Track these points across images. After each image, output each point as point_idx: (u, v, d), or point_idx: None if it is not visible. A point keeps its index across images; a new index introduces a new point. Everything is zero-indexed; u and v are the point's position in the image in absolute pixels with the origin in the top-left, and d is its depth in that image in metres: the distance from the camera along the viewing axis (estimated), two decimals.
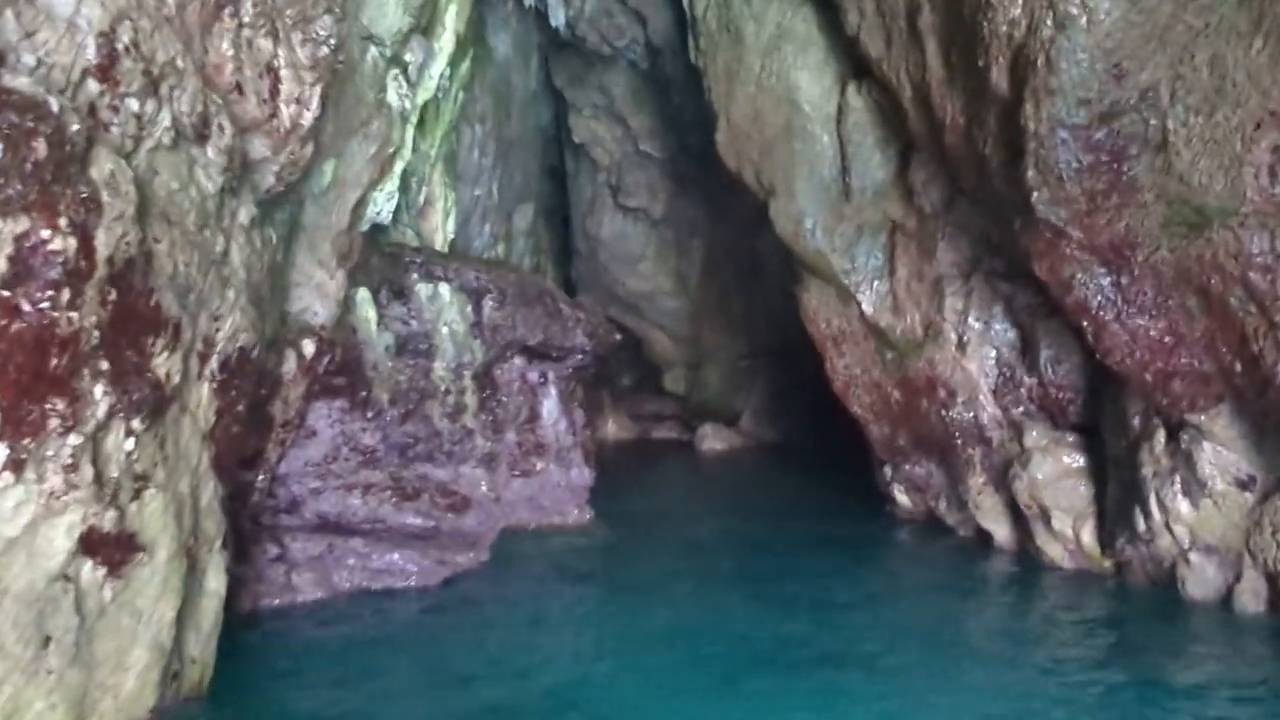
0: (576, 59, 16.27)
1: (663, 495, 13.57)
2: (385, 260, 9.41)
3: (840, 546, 9.46)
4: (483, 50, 13.52)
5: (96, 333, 4.32)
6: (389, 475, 9.06)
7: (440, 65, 9.85)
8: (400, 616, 7.30)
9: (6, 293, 4.01)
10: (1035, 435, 8.82)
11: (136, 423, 4.66)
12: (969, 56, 7.25)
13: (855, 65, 9.64)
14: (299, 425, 8.25)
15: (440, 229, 11.31)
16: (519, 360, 10.24)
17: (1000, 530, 9.15)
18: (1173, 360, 6.85)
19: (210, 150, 5.22)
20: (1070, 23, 6.12)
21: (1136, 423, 7.59)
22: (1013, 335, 9.03)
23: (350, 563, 8.10)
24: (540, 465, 10.23)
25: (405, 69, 8.85)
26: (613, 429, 18.51)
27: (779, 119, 10.34)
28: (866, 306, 9.90)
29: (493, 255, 13.89)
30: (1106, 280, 6.87)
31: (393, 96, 8.59)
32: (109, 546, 4.59)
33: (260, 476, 7.68)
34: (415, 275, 9.57)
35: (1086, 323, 7.10)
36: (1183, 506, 7.18)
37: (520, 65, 15.36)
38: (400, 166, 9.05)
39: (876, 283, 9.91)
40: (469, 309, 9.81)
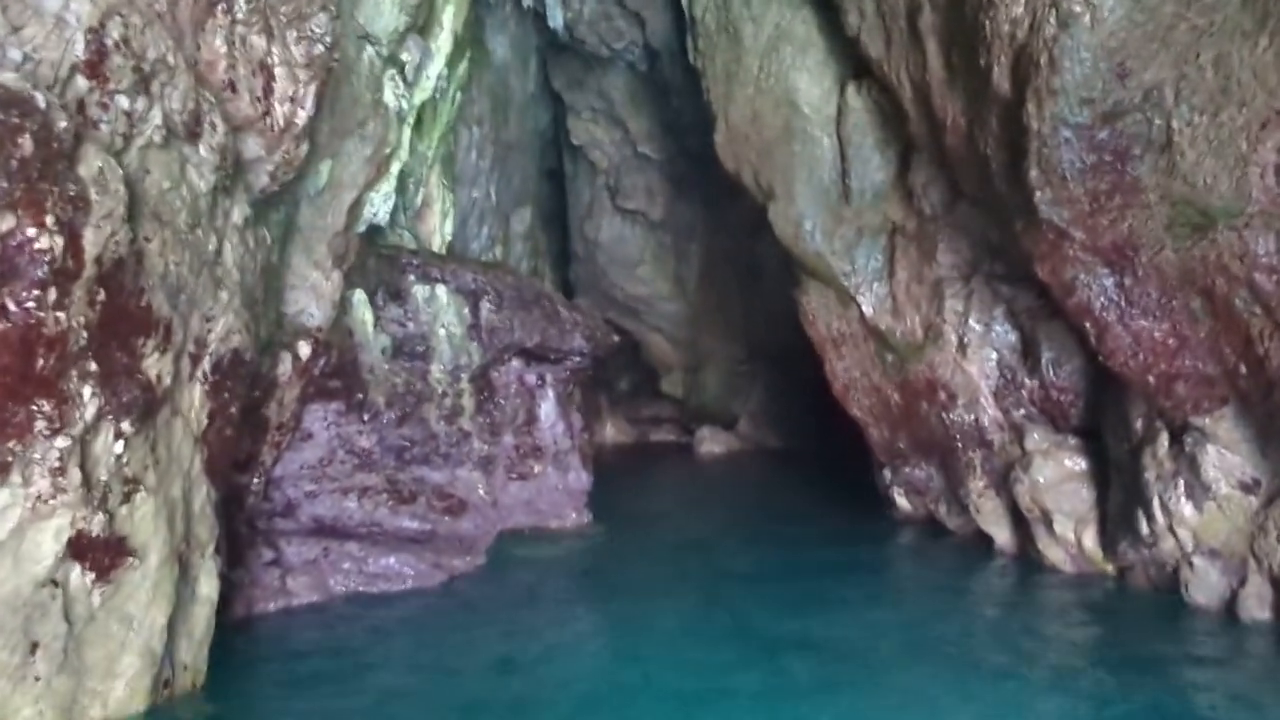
0: (575, 61, 16.23)
1: (661, 499, 13.51)
2: (382, 262, 9.34)
3: (839, 549, 9.39)
4: (481, 52, 13.48)
5: (85, 333, 4.26)
6: (385, 478, 8.99)
7: (438, 66, 9.80)
8: (396, 620, 7.23)
9: None
10: (1036, 438, 8.75)
11: (126, 425, 4.59)
12: (970, 56, 7.19)
13: (855, 66, 9.59)
14: (294, 428, 8.19)
15: (438, 231, 11.25)
16: (516, 363, 10.18)
17: (1001, 534, 9.09)
18: (1176, 362, 6.78)
19: (202, 149, 5.15)
20: (1073, 21, 6.06)
21: (1139, 425, 7.52)
22: (1013, 337, 8.97)
23: (346, 566, 8.05)
24: (538, 468, 10.17)
25: (402, 69, 8.80)
26: (611, 432, 18.47)
27: (778, 121, 10.29)
28: (866, 309, 9.83)
29: (490, 258, 13.84)
30: (1109, 282, 6.80)
31: (389, 97, 8.54)
32: (98, 551, 4.53)
33: (255, 480, 7.62)
34: (412, 277, 9.50)
35: (1089, 325, 7.04)
36: (1186, 510, 7.10)
37: (519, 67, 15.33)
38: (397, 168, 9.00)
39: (876, 285, 9.85)
40: (466, 311, 9.75)
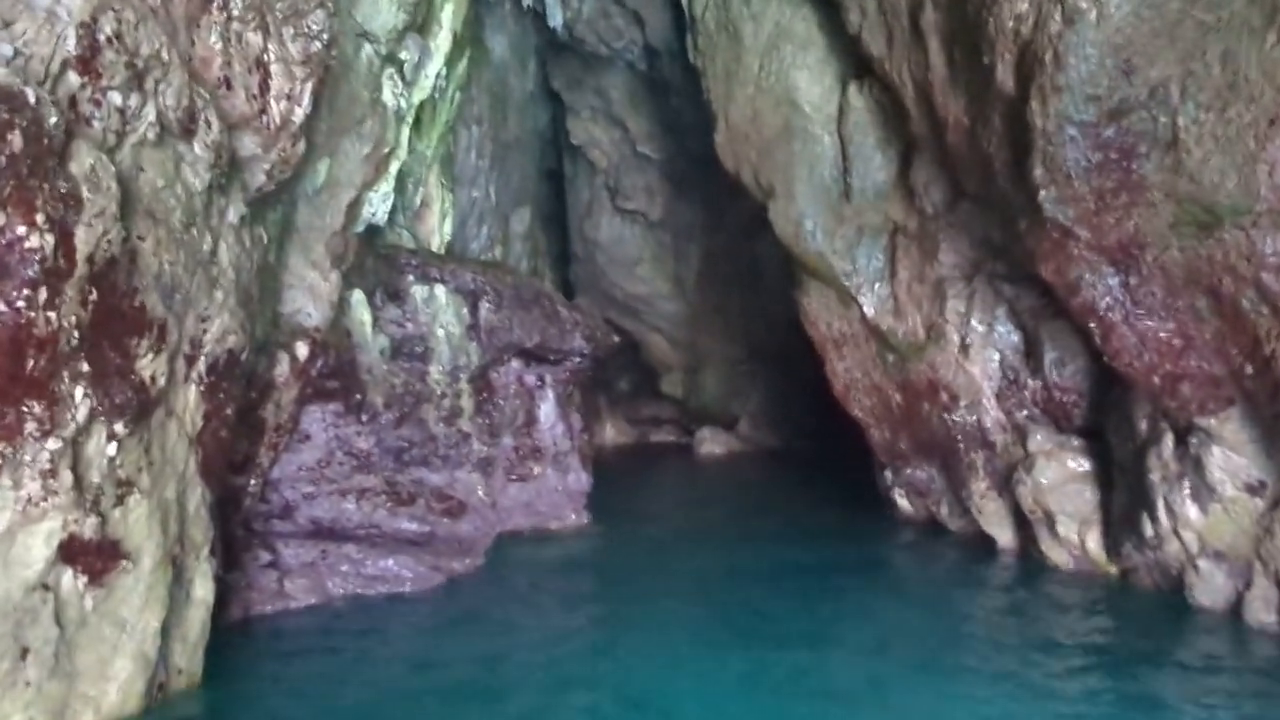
0: (574, 61, 16.18)
1: (661, 500, 13.46)
2: (380, 262, 9.29)
3: (841, 552, 9.33)
4: (480, 51, 13.41)
5: (76, 333, 4.19)
6: (384, 480, 8.94)
7: (436, 64, 9.74)
8: (394, 623, 7.17)
9: None
10: (1039, 439, 8.69)
11: (119, 427, 4.53)
12: (973, 54, 7.13)
13: (856, 64, 9.53)
14: (292, 429, 8.13)
15: (437, 231, 11.19)
16: (516, 363, 10.13)
17: (1003, 535, 9.04)
18: (1182, 363, 6.72)
19: (197, 146, 5.08)
20: (1079, 17, 5.99)
21: (1143, 426, 7.47)
22: (1016, 338, 8.91)
23: (344, 569, 8.00)
24: (537, 470, 10.12)
25: (401, 68, 8.74)
26: (610, 433, 18.41)
27: (778, 120, 10.23)
28: (867, 309, 9.77)
29: (490, 258, 13.76)
30: (1114, 281, 6.74)
31: (388, 95, 8.48)
32: (90, 555, 4.47)
33: (252, 482, 7.55)
34: (411, 277, 9.45)
35: (1094, 325, 6.98)
36: (1191, 512, 7.05)
37: (518, 67, 15.27)
38: (396, 167, 8.94)
39: (878, 285, 9.79)
40: (465, 311, 9.70)
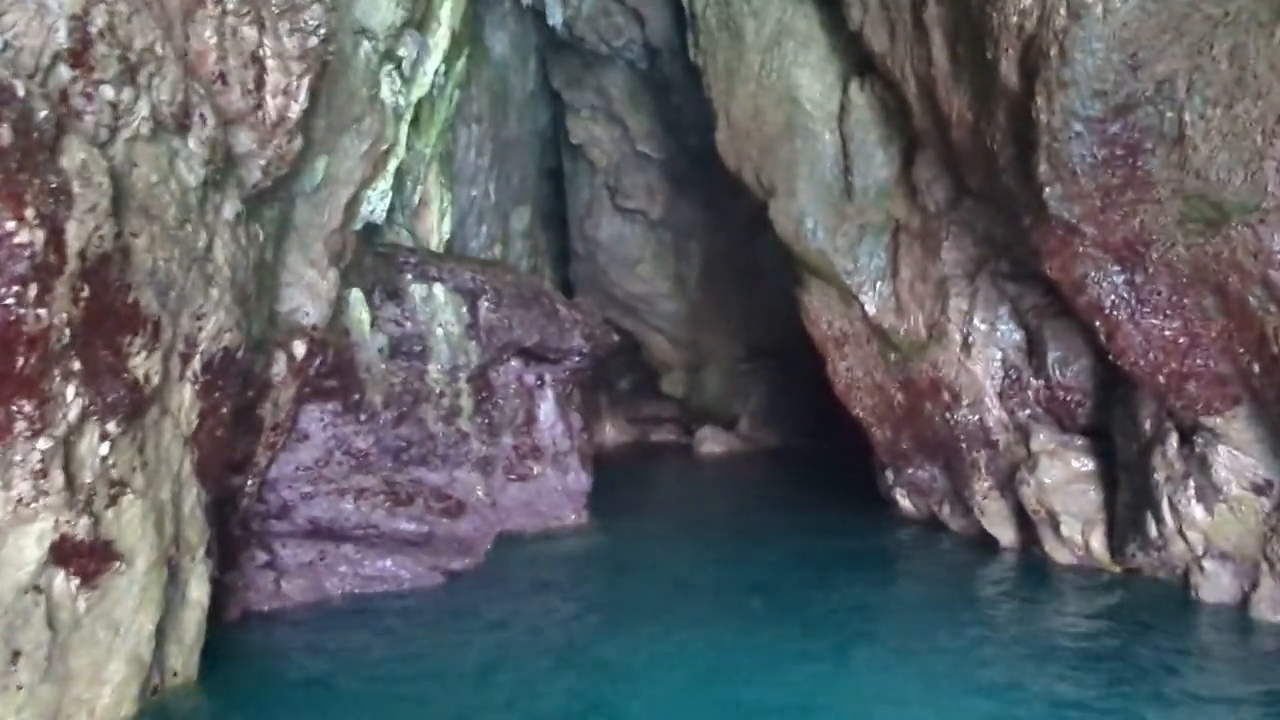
0: (574, 60, 16.12)
1: (661, 499, 13.40)
2: (379, 260, 9.23)
3: (844, 552, 9.26)
4: (479, 50, 13.35)
5: (68, 331, 4.12)
6: (382, 480, 8.88)
7: (435, 61, 9.68)
8: (392, 624, 7.11)
9: None
10: (1043, 438, 8.62)
11: (112, 426, 4.46)
12: (977, 49, 7.07)
13: (858, 61, 9.46)
14: (290, 429, 8.07)
15: (436, 230, 11.13)
16: (515, 362, 10.08)
17: (1006, 535, 8.98)
18: (1188, 361, 6.66)
19: (192, 142, 5.02)
20: (1085, 12, 5.92)
21: (1148, 426, 7.41)
22: (1019, 336, 8.84)
23: (342, 569, 7.97)
24: (537, 469, 10.07)
25: (399, 64, 8.67)
26: (611, 433, 18.32)
27: (780, 117, 10.16)
28: (869, 307, 9.70)
29: (490, 257, 13.70)
30: (1120, 279, 6.67)
31: (386, 92, 8.41)
32: (83, 556, 4.40)
33: (249, 481, 7.48)
34: (409, 276, 9.39)
35: (1099, 323, 6.91)
36: (1197, 512, 6.99)
37: (518, 66, 15.21)
38: (394, 165, 8.88)
39: (879, 283, 9.71)
40: (464, 310, 9.64)
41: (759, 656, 6.18)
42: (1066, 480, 8.35)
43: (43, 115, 3.90)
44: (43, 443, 4.06)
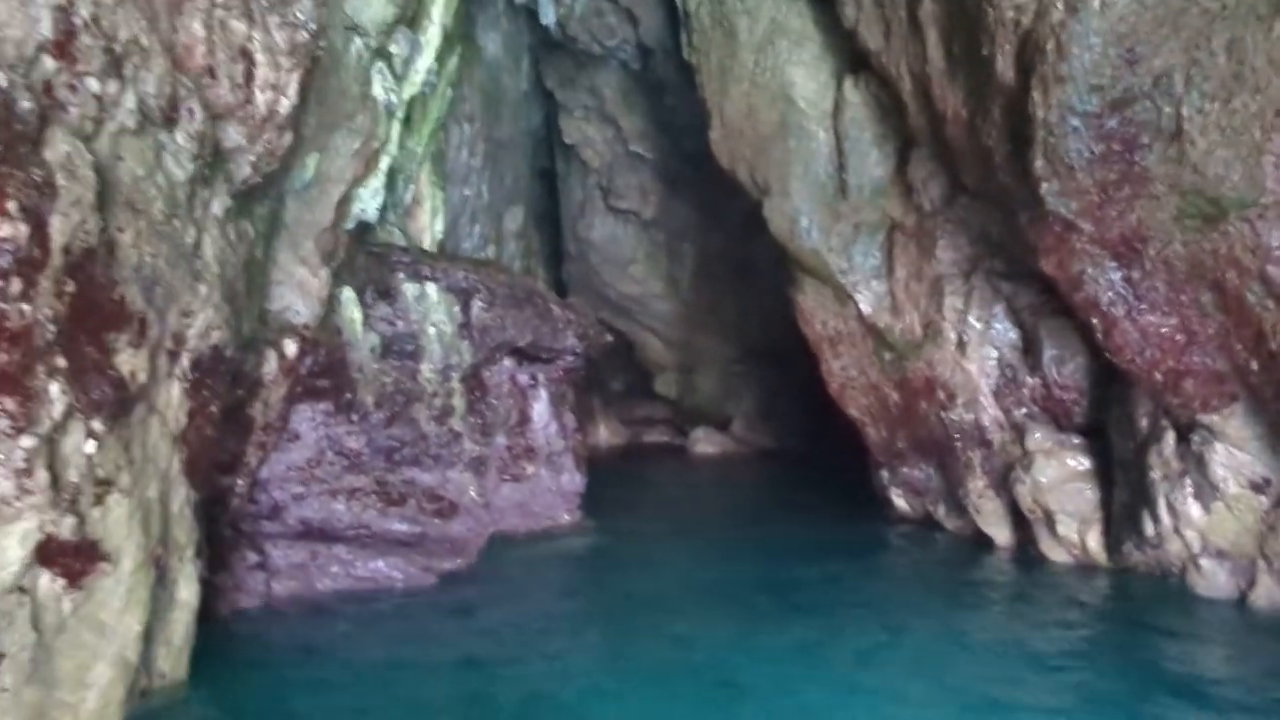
0: (567, 60, 16.07)
1: (655, 500, 13.34)
2: (371, 259, 9.15)
3: (836, 546, 9.25)
4: (471, 49, 13.29)
5: (52, 326, 4.04)
6: (374, 480, 8.80)
7: (427, 59, 9.59)
8: (383, 626, 7.04)
9: None
10: (1038, 437, 8.59)
11: (98, 423, 4.38)
12: (972, 45, 7.03)
13: (852, 59, 9.42)
14: (281, 428, 7.99)
15: (428, 229, 11.06)
16: (508, 362, 10.00)
17: (1001, 534, 8.95)
18: (1185, 358, 6.64)
19: (179, 136, 4.94)
20: (1082, 6, 5.89)
21: (1144, 424, 7.38)
22: (1014, 335, 8.81)
23: (334, 570, 7.91)
24: (530, 469, 10.00)
25: (390, 62, 8.60)
26: (604, 434, 18.26)
27: (774, 116, 10.12)
28: (864, 306, 9.65)
29: (483, 257, 13.63)
30: (1117, 276, 6.64)
31: (378, 90, 8.34)
32: (69, 556, 4.32)
33: (239, 481, 7.40)
34: (402, 275, 9.30)
35: (1096, 320, 6.87)
36: (1193, 510, 6.97)
37: (511, 66, 15.15)
38: (386, 163, 8.80)
39: (874, 282, 9.67)
40: (457, 309, 9.56)
41: (755, 655, 6.13)
42: (1062, 479, 8.31)
43: (26, 107, 3.83)
44: (26, 440, 3.98)
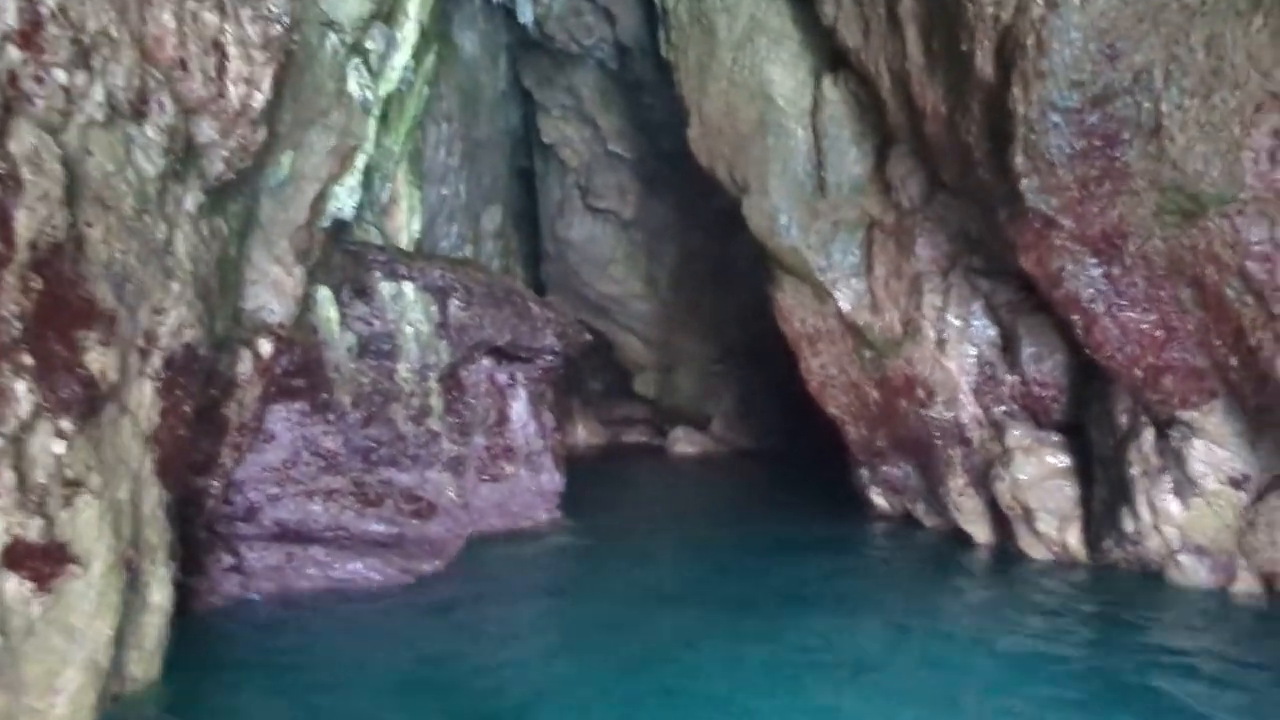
0: (545, 59, 16.01)
1: (634, 500, 13.30)
2: (347, 258, 9.05)
3: (815, 546, 9.21)
4: (449, 48, 13.21)
5: (19, 324, 3.95)
6: (351, 481, 8.70)
7: (403, 56, 9.50)
8: (359, 627, 6.94)
9: None
10: (1017, 435, 8.59)
11: (66, 423, 4.28)
12: (952, 42, 7.02)
13: (831, 57, 9.41)
14: (256, 428, 7.88)
15: (405, 228, 10.98)
16: (487, 361, 9.93)
17: (981, 531, 8.96)
18: (1164, 355, 6.65)
19: (150, 129, 4.84)
20: (1063, 1, 5.89)
21: (1124, 420, 7.39)
22: (993, 332, 8.81)
23: (310, 572, 7.81)
24: (509, 469, 9.93)
25: (366, 58, 8.50)
26: (583, 434, 18.24)
27: (752, 114, 10.09)
28: (843, 304, 9.63)
29: (461, 257, 13.54)
30: (1097, 272, 6.63)
31: (354, 86, 8.24)
32: (36, 559, 4.22)
33: (214, 483, 7.30)
34: (378, 273, 9.21)
35: (1076, 316, 6.87)
36: (1173, 506, 6.99)
37: (488, 65, 15.07)
38: (362, 161, 8.69)
39: (853, 280, 9.64)
40: (434, 308, 9.47)
41: (728, 653, 6.08)
42: (1042, 476, 8.32)
43: None
44: None
